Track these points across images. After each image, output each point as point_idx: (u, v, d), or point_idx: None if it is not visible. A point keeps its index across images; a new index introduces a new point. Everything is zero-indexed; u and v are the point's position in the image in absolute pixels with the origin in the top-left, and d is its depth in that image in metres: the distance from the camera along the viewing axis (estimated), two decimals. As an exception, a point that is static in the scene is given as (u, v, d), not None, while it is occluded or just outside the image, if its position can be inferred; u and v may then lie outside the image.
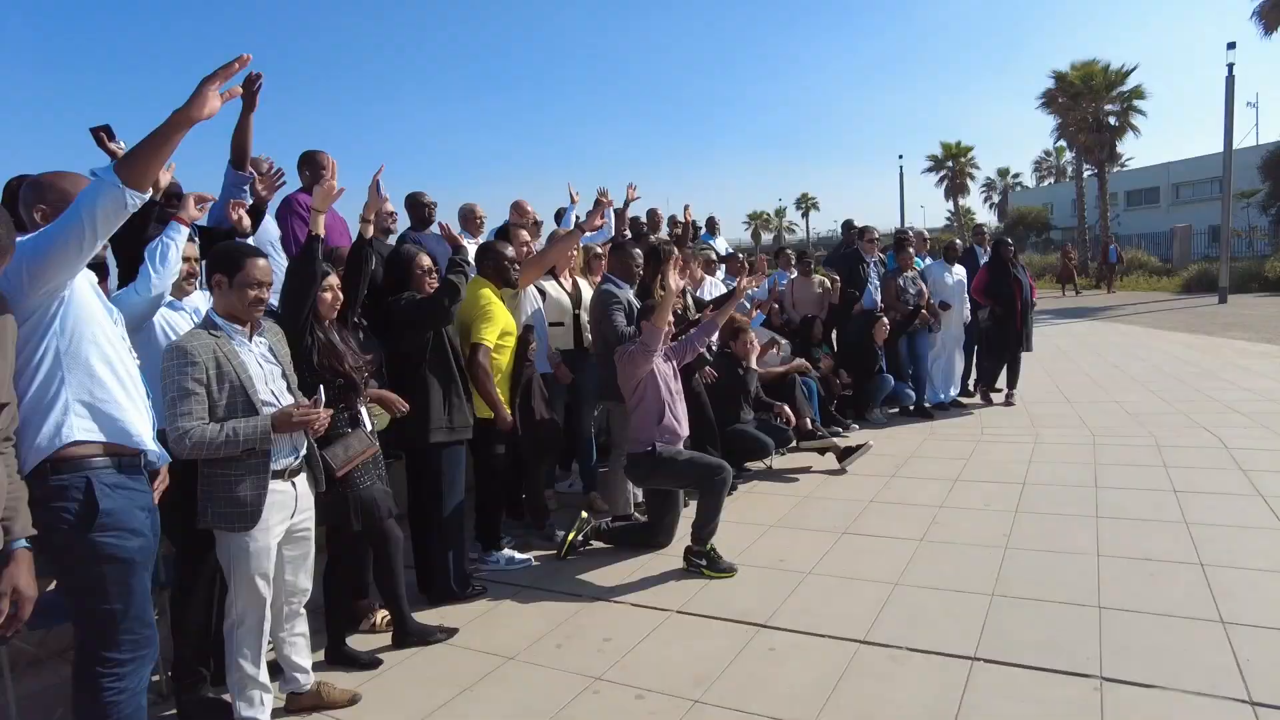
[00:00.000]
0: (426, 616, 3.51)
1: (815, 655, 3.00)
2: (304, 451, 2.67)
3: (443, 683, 2.98)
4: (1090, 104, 25.16)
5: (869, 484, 5.23)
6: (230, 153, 3.94)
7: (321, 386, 2.65)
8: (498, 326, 3.83)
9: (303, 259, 3.03)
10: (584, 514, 4.36)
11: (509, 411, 3.93)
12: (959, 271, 7.60)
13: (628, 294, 4.53)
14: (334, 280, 3.07)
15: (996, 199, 57.42)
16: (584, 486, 5.22)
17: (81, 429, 1.96)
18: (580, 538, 4.24)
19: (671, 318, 4.39)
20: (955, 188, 33.84)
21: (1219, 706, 2.49)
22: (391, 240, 4.75)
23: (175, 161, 3.26)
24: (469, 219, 5.99)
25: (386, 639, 3.32)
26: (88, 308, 2.04)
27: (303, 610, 2.81)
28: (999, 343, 7.56)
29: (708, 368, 5.29)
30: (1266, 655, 2.75)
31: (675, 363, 4.28)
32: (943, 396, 7.67)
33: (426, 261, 3.61)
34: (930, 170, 34.09)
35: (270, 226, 4.20)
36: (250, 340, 2.58)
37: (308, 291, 3.00)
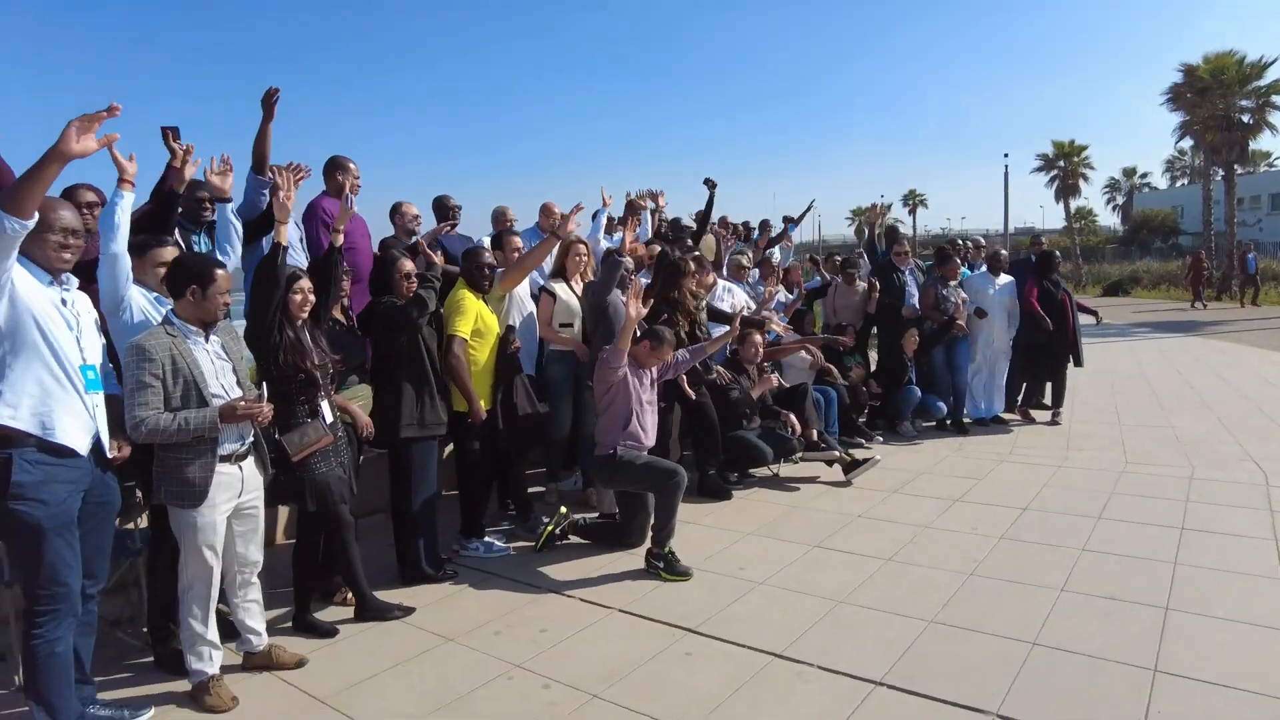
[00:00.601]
0: (397, 595, 3.79)
1: (727, 664, 3.08)
2: (250, 439, 2.97)
3: (383, 655, 3.24)
4: (1220, 99, 23.26)
5: (866, 498, 5.19)
6: (251, 159, 4.34)
7: (265, 383, 2.93)
8: (470, 320, 4.06)
9: (323, 263, 3.56)
10: (563, 509, 4.55)
11: (483, 405, 4.16)
12: (1004, 282, 7.33)
13: (617, 298, 4.67)
14: (305, 284, 3.35)
15: (1120, 200, 53.88)
16: (584, 484, 5.41)
17: (5, 414, 2.30)
18: (558, 531, 4.44)
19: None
20: (1066, 189, 31.88)
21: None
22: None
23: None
24: (500, 221, 6.26)
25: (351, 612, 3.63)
26: (28, 312, 2.36)
27: (255, 579, 3.12)
28: (1043, 359, 7.25)
29: (719, 367, 5.38)
30: (1180, 708, 2.66)
31: (655, 376, 4.40)
32: (984, 411, 7.43)
33: (408, 267, 3.87)
34: (1040, 170, 32.26)
35: (291, 227, 4.55)
36: (206, 339, 2.89)
37: (329, 291, 3.52)
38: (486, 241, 5.20)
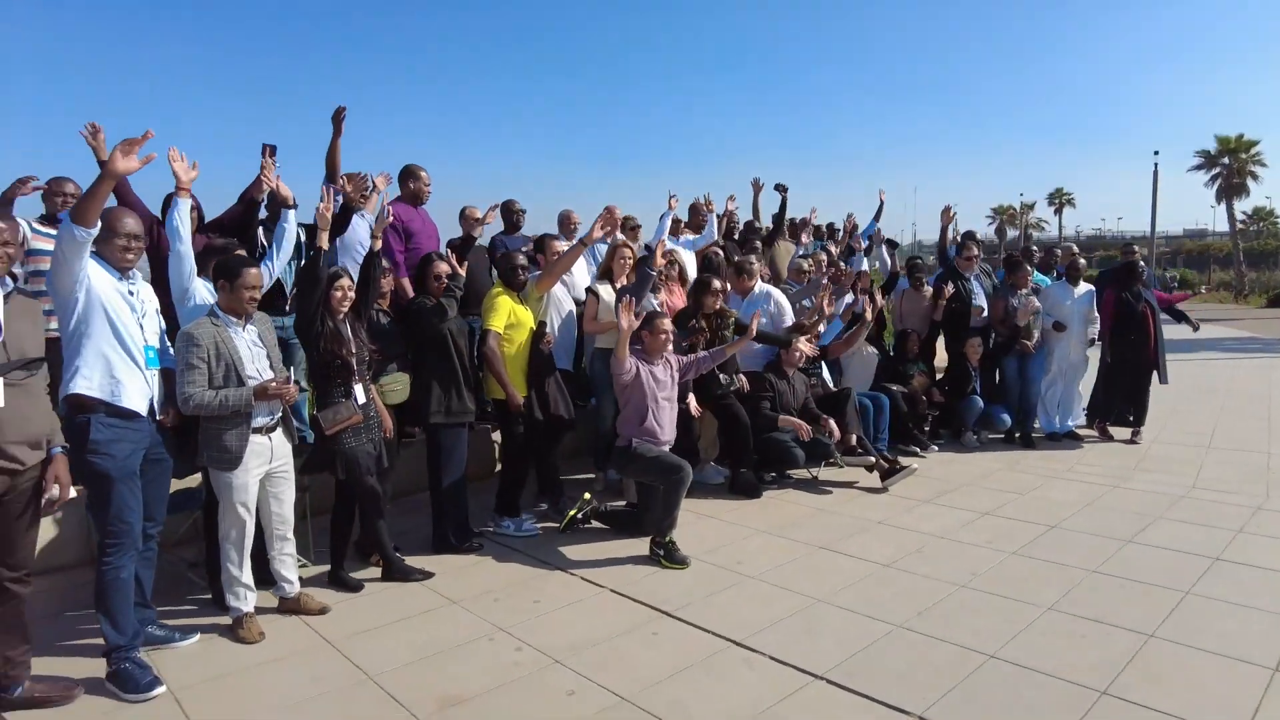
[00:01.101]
0: (427, 561, 4.26)
1: (685, 645, 3.33)
2: (279, 414, 3.48)
3: (393, 611, 3.70)
4: None
5: (894, 505, 5.24)
6: (325, 169, 4.94)
7: (292, 367, 3.44)
8: (503, 316, 4.45)
9: (363, 265, 4.16)
10: (586, 495, 4.89)
11: (519, 393, 4.55)
12: (1082, 291, 7.03)
13: (648, 303, 4.96)
14: (345, 282, 3.84)
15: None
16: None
17: (83, 385, 2.87)
18: (580, 516, 4.78)
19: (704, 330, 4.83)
20: (1230, 188, 28.89)
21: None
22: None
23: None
24: (564, 223, 6.67)
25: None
26: (100, 302, 2.93)
27: (290, 535, 3.65)
28: (1122, 373, 6.93)
29: (741, 374, 5.55)
30: (1109, 729, 2.68)
31: (678, 375, 4.65)
32: (1058, 426, 7.17)
33: (440, 269, 4.32)
34: (1199, 168, 29.36)
35: (360, 228, 5.10)
36: (244, 328, 3.41)
37: (368, 290, 4.08)
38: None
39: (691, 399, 5.27)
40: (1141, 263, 7.08)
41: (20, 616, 2.88)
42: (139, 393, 3.04)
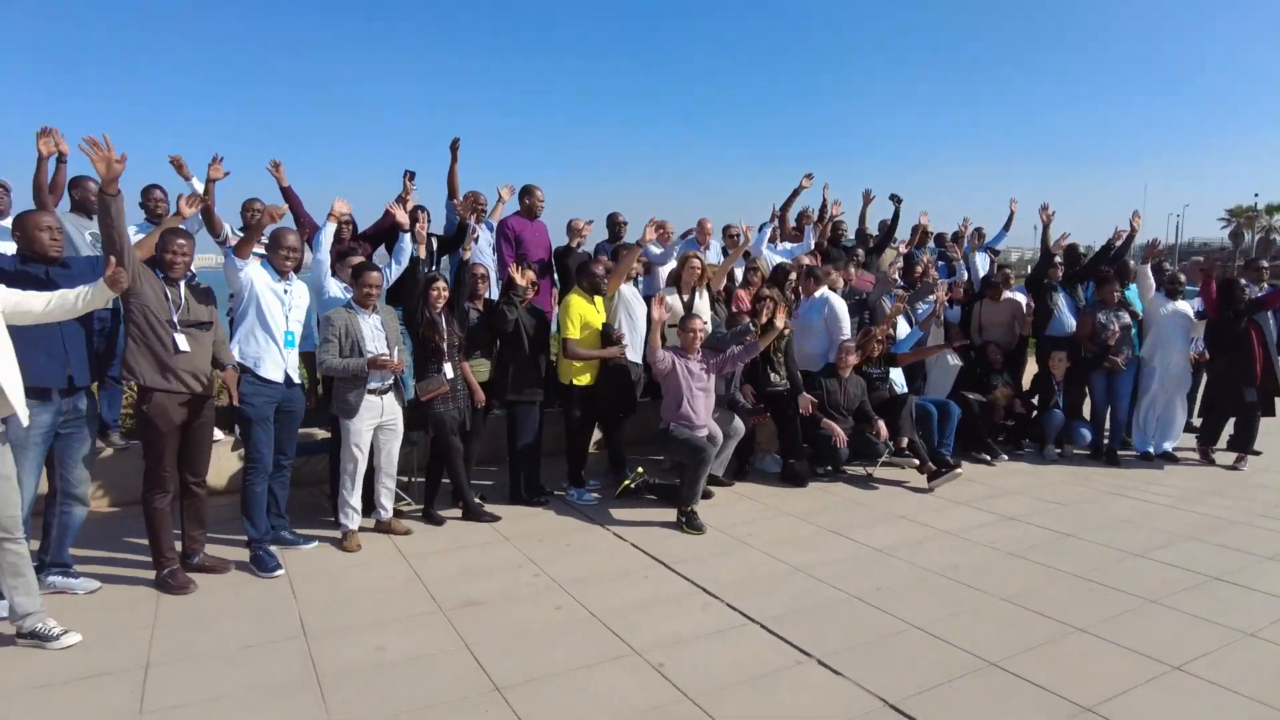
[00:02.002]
0: (501, 509, 5.28)
1: (664, 588, 4.09)
2: (390, 382, 4.61)
3: (459, 540, 4.76)
4: None
5: (926, 504, 5.62)
6: (446, 189, 6.12)
7: (397, 348, 4.55)
8: (575, 325, 5.36)
9: (456, 276, 5.14)
10: (639, 469, 5.72)
11: (585, 380, 5.45)
12: (1182, 307, 6.85)
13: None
14: (440, 284, 4.93)
15: None
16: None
17: (236, 354, 4.12)
18: (633, 486, 5.63)
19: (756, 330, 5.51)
20: None
21: None
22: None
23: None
24: (610, 224, 7.42)
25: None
26: (256, 296, 4.17)
27: (392, 474, 4.79)
28: (1224, 393, 6.71)
29: (803, 397, 6.09)
30: (970, 684, 3.14)
31: (716, 366, 5.35)
32: (1152, 448, 7.03)
33: (516, 280, 5.31)
34: None
35: (482, 236, 6.23)
36: (369, 315, 4.57)
37: (461, 290, 5.16)
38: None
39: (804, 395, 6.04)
40: (1241, 281, 6.77)
41: (199, 510, 4.19)
42: (274, 365, 4.26)
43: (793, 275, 6.56)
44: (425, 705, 2.95)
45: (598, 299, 5.53)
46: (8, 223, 5.13)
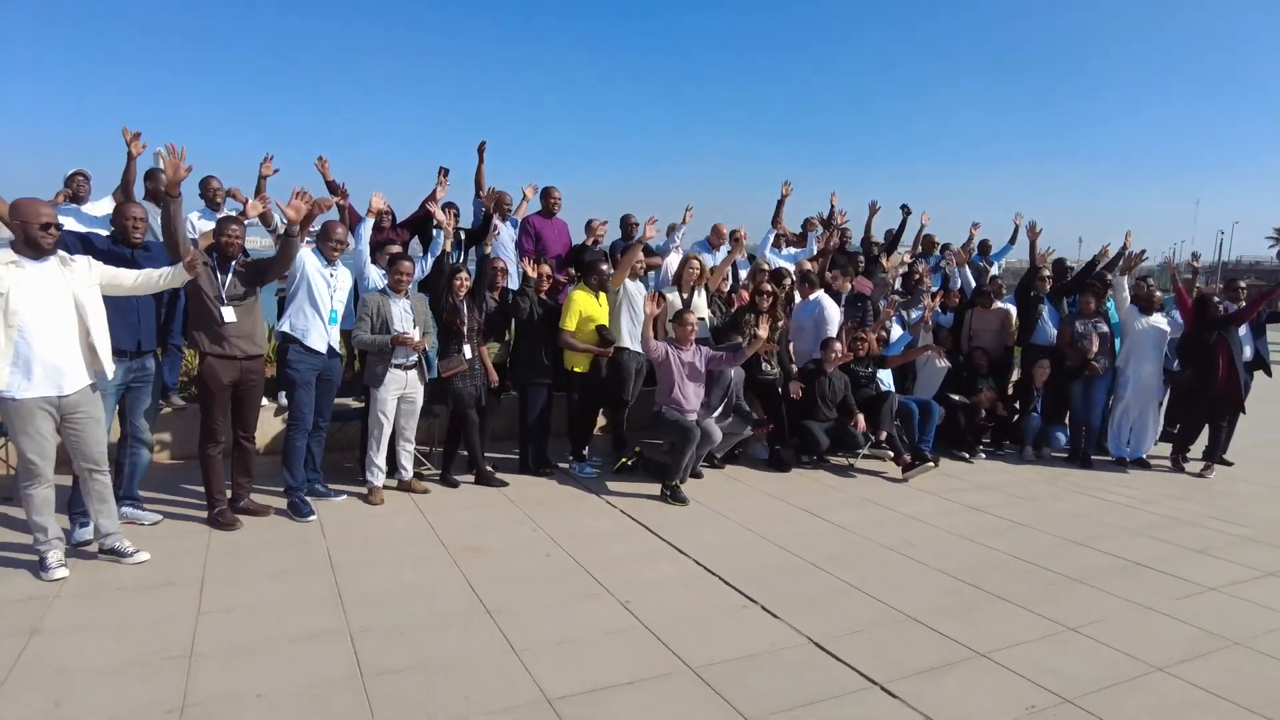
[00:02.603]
0: (510, 476, 5.90)
1: (641, 545, 4.68)
2: (414, 359, 5.27)
3: (470, 501, 5.40)
4: None
5: (897, 492, 6.14)
6: (474, 187, 6.78)
7: (418, 328, 5.20)
8: (575, 317, 5.96)
9: (478, 268, 5.73)
10: (636, 448, 6.31)
11: (581, 369, 6.07)
12: (1157, 321, 7.24)
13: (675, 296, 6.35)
14: (463, 275, 5.58)
15: None
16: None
17: (287, 326, 4.79)
18: (629, 463, 6.23)
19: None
20: None
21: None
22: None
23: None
24: (625, 225, 7.99)
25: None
26: (307, 278, 4.85)
27: (411, 438, 5.46)
28: (1197, 403, 7.11)
29: (794, 383, 6.64)
30: (874, 623, 3.69)
31: (706, 360, 5.91)
32: (1126, 453, 7.43)
33: (529, 272, 5.94)
34: None
35: (504, 231, 6.88)
36: (399, 299, 5.23)
37: (482, 281, 5.74)
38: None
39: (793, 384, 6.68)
40: (1214, 298, 7.15)
41: (248, 462, 4.87)
42: (319, 337, 4.93)
43: (787, 280, 7.08)
44: (426, 619, 3.58)
45: (602, 295, 6.14)
46: (89, 207, 5.92)
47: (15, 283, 3.56)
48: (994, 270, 9.16)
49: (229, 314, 4.48)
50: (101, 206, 5.79)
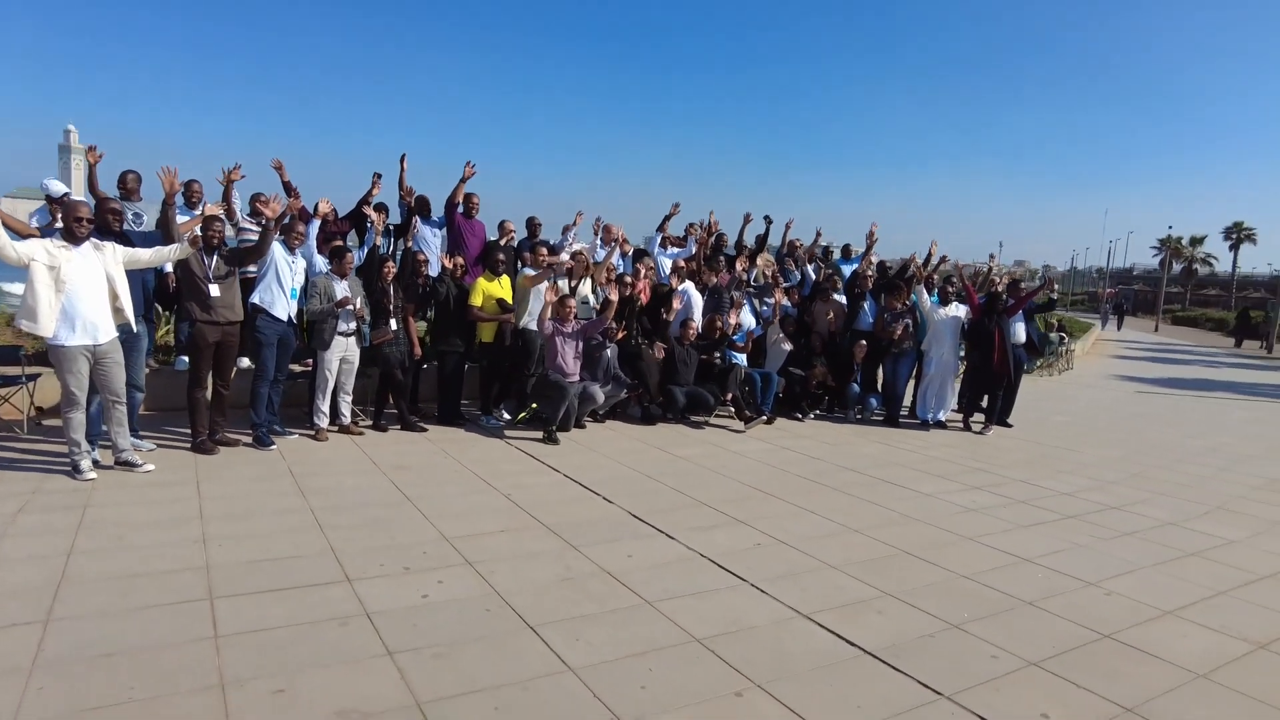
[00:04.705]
0: (431, 426, 7.46)
1: (528, 467, 6.33)
2: (353, 327, 6.79)
3: (397, 441, 6.94)
4: None
5: (734, 439, 7.93)
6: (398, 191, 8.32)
7: (357, 300, 6.73)
8: (479, 296, 7.57)
9: (402, 258, 7.27)
10: (533, 405, 7.95)
11: (487, 338, 7.69)
12: (954, 310, 9.24)
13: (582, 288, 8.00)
14: (390, 264, 7.11)
15: None
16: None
17: (256, 298, 6.27)
18: (526, 416, 7.87)
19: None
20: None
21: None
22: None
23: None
24: (607, 232, 9.62)
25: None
26: (274, 263, 6.32)
27: (349, 391, 6.97)
28: (980, 378, 9.17)
29: (658, 345, 8.40)
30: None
31: (580, 332, 7.59)
32: (930, 417, 9.44)
33: (447, 264, 7.52)
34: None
35: (424, 229, 8.43)
36: (342, 281, 6.74)
37: (404, 268, 7.27)
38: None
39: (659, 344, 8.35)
40: (1003, 296, 9.20)
41: (223, 404, 6.31)
42: (282, 308, 6.41)
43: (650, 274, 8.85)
44: (365, 501, 5.17)
45: (502, 279, 7.77)
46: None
47: (65, 260, 4.99)
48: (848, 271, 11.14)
49: (215, 290, 5.94)
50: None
